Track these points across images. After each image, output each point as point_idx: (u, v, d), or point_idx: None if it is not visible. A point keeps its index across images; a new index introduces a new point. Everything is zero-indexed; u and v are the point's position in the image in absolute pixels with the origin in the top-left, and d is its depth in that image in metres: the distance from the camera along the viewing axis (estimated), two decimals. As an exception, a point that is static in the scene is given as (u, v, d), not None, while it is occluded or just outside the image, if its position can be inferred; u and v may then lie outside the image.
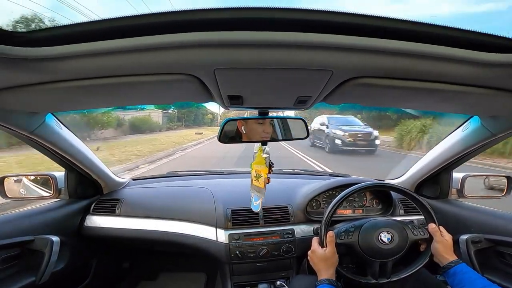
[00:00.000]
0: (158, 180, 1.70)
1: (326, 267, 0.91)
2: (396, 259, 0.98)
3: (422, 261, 0.98)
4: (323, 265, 0.92)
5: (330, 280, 0.88)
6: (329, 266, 0.92)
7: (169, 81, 0.58)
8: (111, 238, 1.36)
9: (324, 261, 0.92)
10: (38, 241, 1.05)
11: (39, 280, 1.02)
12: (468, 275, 0.85)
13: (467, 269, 0.87)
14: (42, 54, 0.44)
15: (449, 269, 0.89)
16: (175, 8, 0.41)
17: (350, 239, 1.00)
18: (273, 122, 0.99)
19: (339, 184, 1.42)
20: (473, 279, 0.83)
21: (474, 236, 1.14)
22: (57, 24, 0.44)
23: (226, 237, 1.25)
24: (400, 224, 1.01)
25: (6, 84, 0.59)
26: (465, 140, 1.09)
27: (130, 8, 25.38)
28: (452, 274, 0.88)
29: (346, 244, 1.00)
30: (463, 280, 0.84)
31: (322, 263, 0.92)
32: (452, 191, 1.39)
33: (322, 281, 0.88)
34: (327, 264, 0.92)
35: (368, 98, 0.77)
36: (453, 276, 0.87)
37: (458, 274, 0.86)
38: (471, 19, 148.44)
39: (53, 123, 0.98)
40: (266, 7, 0.41)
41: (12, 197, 1.24)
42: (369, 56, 0.49)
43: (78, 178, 1.32)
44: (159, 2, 76.12)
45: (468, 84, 0.61)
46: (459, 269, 0.87)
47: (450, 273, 0.89)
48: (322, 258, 0.93)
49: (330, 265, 0.92)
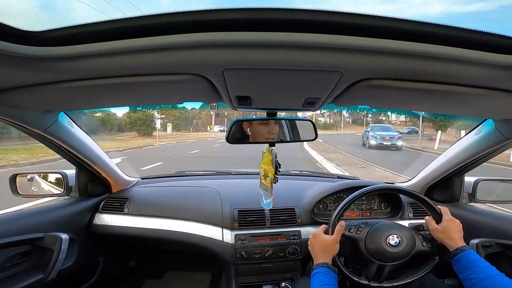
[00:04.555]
0: (166, 179, 1.71)
1: (325, 254, 0.90)
2: (395, 265, 0.96)
3: (418, 274, 0.96)
4: (322, 251, 0.91)
5: (328, 265, 0.87)
6: (327, 253, 0.91)
7: (178, 81, 0.58)
8: (119, 236, 1.38)
9: (324, 248, 0.91)
10: (48, 238, 1.06)
11: (47, 277, 1.03)
12: (475, 262, 0.81)
13: (474, 256, 0.83)
14: (55, 54, 0.45)
15: (455, 256, 0.85)
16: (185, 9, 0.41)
17: (358, 234, 0.98)
18: (281, 123, 0.98)
19: (347, 187, 1.41)
20: (480, 267, 0.79)
21: (485, 240, 1.11)
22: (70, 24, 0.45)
23: (232, 238, 1.25)
24: (412, 232, 0.99)
25: (20, 83, 0.60)
26: (478, 144, 1.07)
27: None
28: (458, 260, 0.84)
29: (353, 238, 0.99)
30: (469, 268, 0.81)
31: (322, 249, 0.91)
32: (463, 195, 1.36)
33: (320, 264, 0.87)
34: (326, 250, 0.91)
35: (378, 100, 0.76)
36: (459, 262, 0.84)
37: (465, 260, 0.83)
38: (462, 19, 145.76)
39: (65, 121, 1.00)
40: (275, 7, 0.41)
41: (24, 194, 1.26)
42: (380, 58, 0.48)
43: (89, 176, 1.34)
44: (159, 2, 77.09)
45: (482, 87, 0.59)
46: (466, 255, 0.84)
47: (456, 260, 0.85)
48: (324, 244, 0.92)
49: (329, 252, 0.91)
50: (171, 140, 20.80)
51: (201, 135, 27.90)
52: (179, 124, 37.87)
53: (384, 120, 49.70)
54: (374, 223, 1.02)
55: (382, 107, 0.87)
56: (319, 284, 0.81)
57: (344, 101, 0.75)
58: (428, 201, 0.99)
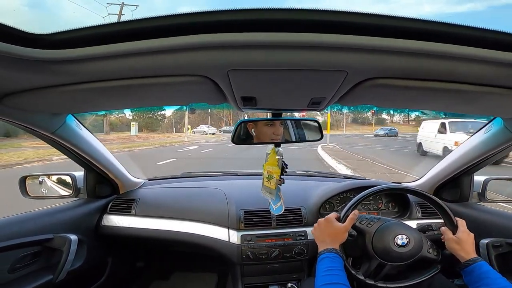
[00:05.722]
0: (173, 180, 1.72)
1: (334, 240, 0.89)
2: (396, 266, 0.95)
3: (415, 280, 0.94)
4: (331, 237, 0.90)
5: (336, 250, 0.86)
6: (336, 240, 0.89)
7: (184, 83, 0.59)
8: (127, 237, 1.39)
9: (334, 234, 0.90)
10: (57, 239, 1.08)
11: (56, 278, 1.05)
12: (487, 274, 0.80)
13: (486, 268, 0.82)
14: (62, 56, 0.46)
15: (467, 267, 0.85)
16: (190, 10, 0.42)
17: (368, 227, 0.98)
18: (286, 123, 0.98)
19: (354, 187, 1.40)
20: (493, 278, 0.78)
21: (495, 240, 1.10)
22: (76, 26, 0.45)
23: (238, 238, 1.26)
24: (421, 237, 0.97)
25: (28, 86, 0.61)
26: (487, 143, 1.05)
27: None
28: (470, 271, 0.84)
29: (361, 230, 0.98)
30: (481, 279, 0.80)
31: (332, 235, 0.90)
32: (473, 195, 1.34)
33: (329, 249, 0.85)
34: (336, 237, 0.90)
35: (384, 99, 0.75)
36: (471, 274, 0.83)
37: (477, 271, 0.82)
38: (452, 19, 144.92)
39: (73, 124, 1.01)
40: (279, 8, 0.41)
41: (33, 196, 1.29)
42: (386, 57, 0.47)
43: (97, 178, 1.35)
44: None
45: (490, 85, 0.58)
46: (478, 267, 0.83)
47: (468, 271, 0.84)
48: (334, 230, 0.91)
49: (339, 239, 0.90)
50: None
51: (169, 140, 20.18)
52: (152, 124, 33.10)
53: (386, 119, 48.69)
54: (387, 220, 1.01)
55: (388, 106, 0.87)
56: (326, 269, 0.80)
57: (350, 101, 0.75)
58: (447, 210, 0.98)
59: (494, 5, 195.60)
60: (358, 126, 43.40)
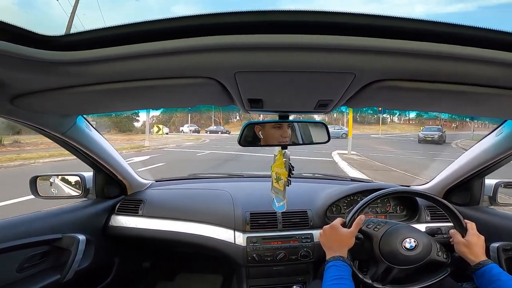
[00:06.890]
0: (180, 182, 1.73)
1: (341, 246, 0.88)
2: (404, 270, 0.93)
3: (424, 283, 0.93)
4: (338, 243, 0.89)
5: (343, 258, 0.84)
6: (343, 246, 0.88)
7: (191, 85, 0.59)
8: (134, 237, 1.40)
9: (341, 240, 0.89)
10: (66, 239, 1.09)
11: (64, 278, 1.06)
12: (498, 276, 0.80)
13: (497, 270, 0.81)
14: (74, 58, 0.46)
15: (477, 270, 0.84)
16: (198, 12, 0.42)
17: (375, 231, 0.96)
18: (292, 125, 0.98)
19: (361, 190, 1.38)
20: (504, 281, 0.78)
21: (505, 244, 1.08)
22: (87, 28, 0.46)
23: (244, 240, 1.25)
24: (430, 240, 0.96)
25: (40, 88, 0.62)
26: (499, 145, 1.03)
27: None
28: (480, 274, 0.83)
29: (368, 234, 0.97)
30: (493, 281, 0.79)
31: (338, 242, 0.89)
32: (483, 198, 1.32)
33: (336, 257, 0.84)
34: (342, 243, 0.89)
35: (392, 101, 0.74)
36: (481, 277, 0.82)
37: (488, 274, 0.81)
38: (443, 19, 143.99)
39: (83, 125, 1.03)
40: (287, 10, 0.41)
41: (44, 196, 1.31)
42: (394, 59, 0.47)
43: (105, 179, 1.37)
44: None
45: (500, 86, 0.57)
46: (488, 269, 0.82)
47: (478, 274, 0.84)
48: (340, 236, 0.90)
49: (345, 245, 0.89)
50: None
51: (127, 144, 14.14)
52: (122, 124, 26.68)
53: (387, 119, 47.60)
54: (394, 223, 0.99)
55: (396, 108, 0.85)
56: (333, 278, 0.79)
57: (357, 103, 0.74)
58: (456, 213, 0.96)
59: (484, 5, 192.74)
60: (358, 126, 41.64)
